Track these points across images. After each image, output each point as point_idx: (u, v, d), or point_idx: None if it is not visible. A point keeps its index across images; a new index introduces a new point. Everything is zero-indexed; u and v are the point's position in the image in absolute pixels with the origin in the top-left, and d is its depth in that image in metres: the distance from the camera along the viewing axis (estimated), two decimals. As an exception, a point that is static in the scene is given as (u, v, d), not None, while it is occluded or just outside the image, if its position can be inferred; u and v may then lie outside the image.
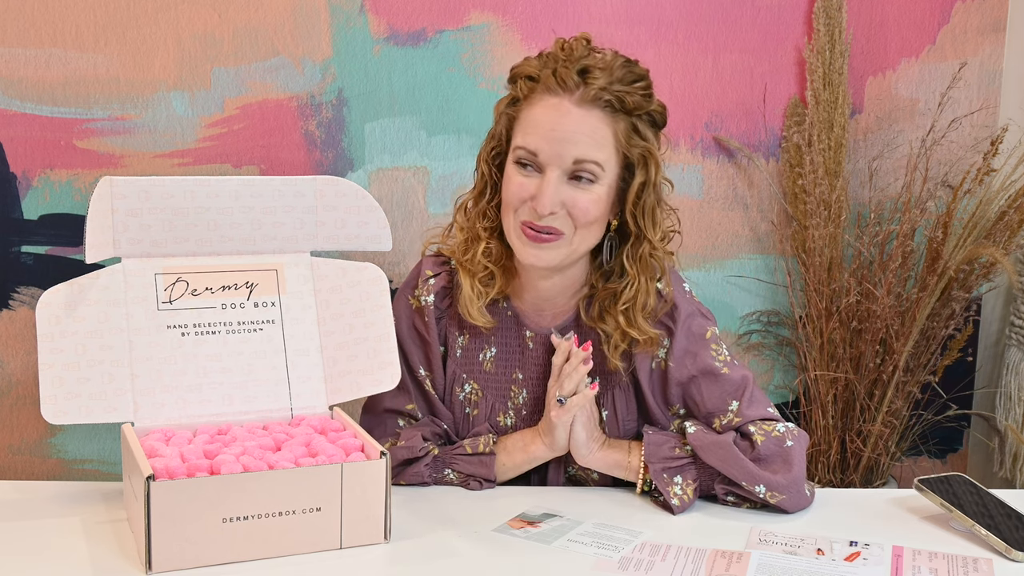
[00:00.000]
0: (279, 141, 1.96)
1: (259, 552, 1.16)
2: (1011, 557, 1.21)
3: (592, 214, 1.34)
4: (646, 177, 1.36)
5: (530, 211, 1.34)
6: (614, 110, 1.33)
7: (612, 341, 1.40)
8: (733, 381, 1.40)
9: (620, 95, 1.32)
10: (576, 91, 1.32)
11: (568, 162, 1.32)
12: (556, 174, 1.32)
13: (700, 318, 1.44)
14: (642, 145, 1.35)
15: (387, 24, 1.96)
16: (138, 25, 1.89)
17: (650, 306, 1.40)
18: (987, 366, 2.29)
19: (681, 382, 1.42)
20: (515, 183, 1.35)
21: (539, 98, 1.34)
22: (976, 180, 2.07)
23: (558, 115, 1.32)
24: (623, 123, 1.34)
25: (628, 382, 1.44)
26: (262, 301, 1.38)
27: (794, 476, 1.32)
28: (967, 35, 2.13)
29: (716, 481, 1.35)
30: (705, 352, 1.42)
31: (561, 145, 1.31)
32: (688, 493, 1.34)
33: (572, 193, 1.33)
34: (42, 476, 1.99)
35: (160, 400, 1.30)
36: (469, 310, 1.41)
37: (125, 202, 1.32)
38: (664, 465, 1.35)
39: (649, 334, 1.39)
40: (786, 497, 1.32)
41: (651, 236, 1.38)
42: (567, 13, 2.01)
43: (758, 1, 2.08)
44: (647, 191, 1.36)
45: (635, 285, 1.38)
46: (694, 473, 1.36)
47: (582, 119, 1.32)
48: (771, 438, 1.35)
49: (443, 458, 1.42)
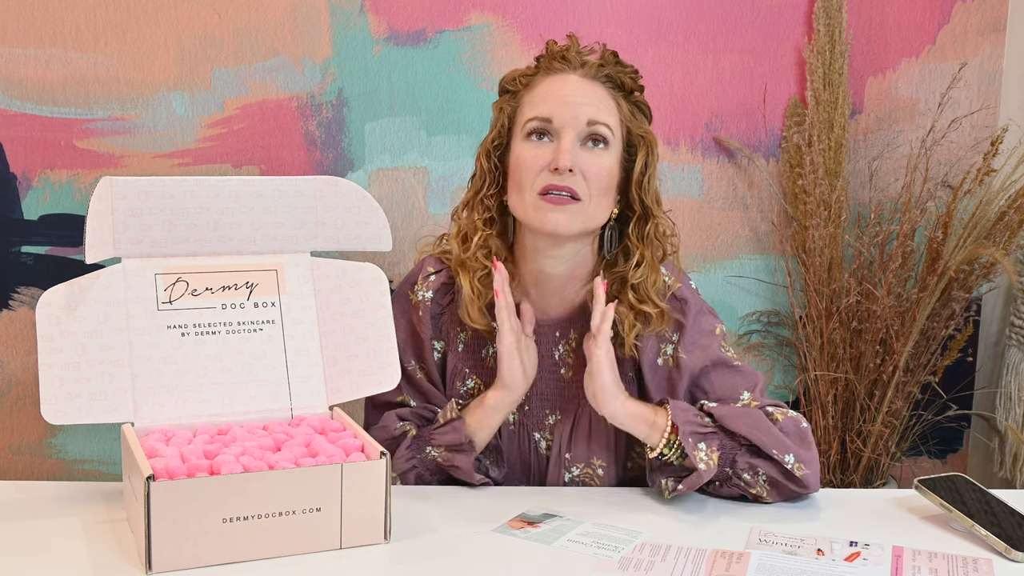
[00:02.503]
0: (279, 141, 1.96)
1: (259, 552, 1.16)
2: (1011, 557, 1.21)
3: (605, 179, 1.36)
4: (648, 158, 1.40)
5: (548, 175, 1.34)
6: (615, 87, 1.39)
7: (627, 323, 1.40)
8: (745, 374, 1.42)
9: (618, 74, 1.39)
10: (579, 68, 1.38)
11: (583, 123, 1.35)
12: (571, 135, 1.34)
13: (708, 316, 1.46)
14: (643, 128, 1.40)
15: (387, 24, 1.96)
16: (138, 25, 1.89)
17: (659, 284, 1.41)
18: (987, 366, 2.29)
19: (693, 372, 1.42)
20: (529, 155, 1.36)
21: (542, 78, 1.40)
22: (976, 180, 2.07)
23: (566, 84, 1.37)
24: (624, 102, 1.39)
25: (633, 376, 1.45)
26: (262, 301, 1.38)
27: (813, 454, 1.36)
28: (967, 35, 2.13)
29: (739, 453, 1.35)
30: (715, 345, 1.43)
31: (575, 107, 1.35)
32: (713, 460, 1.33)
33: (586, 156, 1.35)
34: (42, 476, 1.99)
35: (160, 400, 1.30)
36: (469, 311, 1.42)
37: (125, 202, 1.32)
38: (692, 429, 1.35)
39: (661, 307, 1.40)
40: (810, 472, 1.34)
41: (656, 212, 1.40)
42: (567, 13, 2.01)
43: (758, 1, 2.08)
44: (651, 170, 1.40)
45: (643, 262, 1.40)
46: (718, 442, 1.35)
47: (589, 88, 1.37)
48: (789, 417, 1.38)
49: (422, 436, 1.42)
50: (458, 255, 1.43)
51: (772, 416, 1.37)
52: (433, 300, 1.47)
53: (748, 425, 1.35)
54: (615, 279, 1.42)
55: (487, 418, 1.41)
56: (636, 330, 1.41)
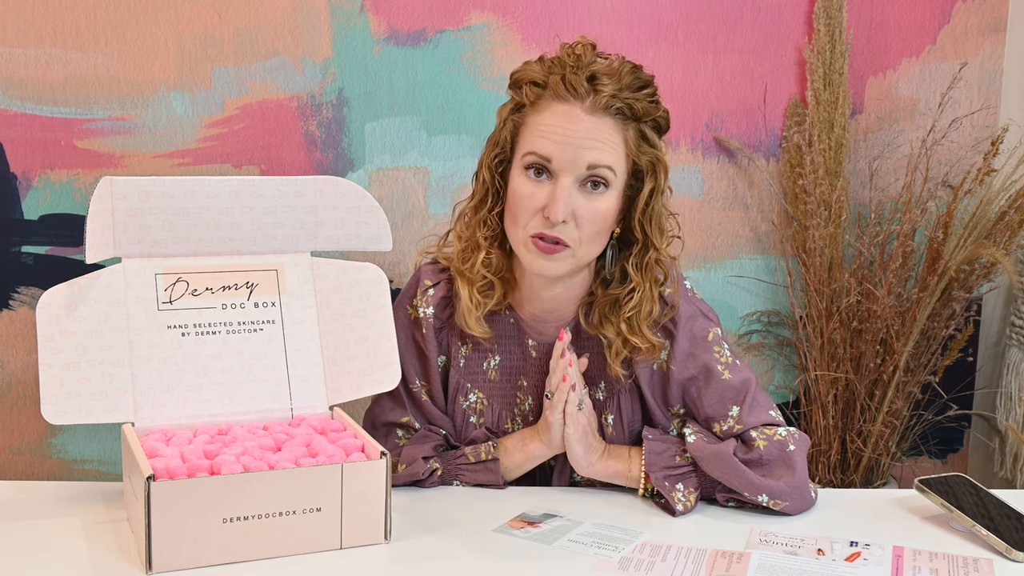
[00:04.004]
0: (279, 141, 1.96)
1: (259, 552, 1.16)
2: (1011, 557, 1.21)
3: (599, 224, 1.32)
4: (655, 184, 1.35)
5: (541, 221, 1.31)
6: (624, 117, 1.32)
7: (614, 348, 1.39)
8: (734, 386, 1.39)
9: (630, 102, 1.31)
10: (587, 98, 1.30)
11: (582, 168, 1.30)
12: (569, 180, 1.30)
13: (702, 319, 1.43)
14: (651, 152, 1.34)
15: (387, 24, 1.96)
16: (138, 25, 1.89)
17: (655, 313, 1.38)
18: (987, 366, 2.29)
19: (682, 383, 1.41)
20: (526, 193, 1.32)
21: (547, 104, 1.32)
22: (976, 180, 2.07)
23: (569, 121, 1.30)
24: (632, 130, 1.33)
25: (632, 385, 1.44)
26: (262, 301, 1.38)
27: (797, 481, 1.32)
28: (967, 35, 2.13)
29: (717, 489, 1.35)
30: (707, 355, 1.41)
31: (575, 151, 1.30)
32: (691, 500, 1.34)
33: (582, 201, 1.31)
34: (42, 476, 1.99)
35: (160, 400, 1.30)
36: (467, 320, 1.40)
37: (125, 202, 1.32)
38: (666, 473, 1.35)
39: (652, 342, 1.38)
40: (789, 503, 1.32)
41: (658, 243, 1.37)
42: (567, 13, 2.01)
43: (758, 1, 2.08)
44: (655, 198, 1.36)
45: (640, 292, 1.37)
46: (695, 481, 1.36)
47: (594, 125, 1.30)
48: (773, 442, 1.35)
49: (448, 470, 1.42)
50: (458, 265, 1.41)
51: (753, 443, 1.35)
52: (435, 315, 1.44)
53: (719, 469, 1.34)
54: (608, 300, 1.39)
55: (526, 464, 1.43)
56: (622, 356, 1.39)
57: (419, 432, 1.45)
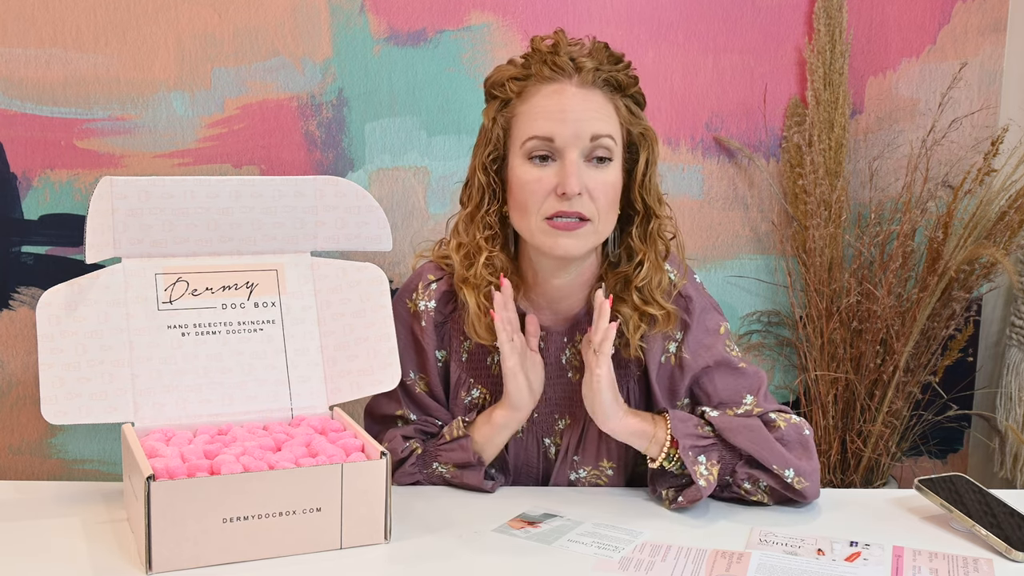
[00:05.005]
0: (279, 141, 1.96)
1: (259, 552, 1.16)
2: (1011, 557, 1.21)
3: (611, 195, 1.33)
4: (649, 155, 1.37)
5: (555, 202, 1.31)
6: (612, 88, 1.34)
7: (631, 324, 1.38)
8: (749, 375, 1.41)
9: (613, 73, 1.34)
10: (574, 75, 1.32)
11: (586, 140, 1.30)
12: (575, 154, 1.30)
13: (714, 313, 1.44)
14: (641, 124, 1.37)
15: (387, 24, 1.96)
16: (138, 25, 1.89)
17: (664, 284, 1.39)
18: (987, 366, 2.29)
19: (695, 373, 1.41)
20: (532, 178, 1.32)
21: (536, 89, 1.33)
22: (976, 180, 2.07)
23: (564, 98, 1.31)
24: (620, 101, 1.35)
25: (640, 377, 1.44)
26: (262, 301, 1.38)
27: (814, 464, 1.35)
28: (967, 35, 2.13)
29: (739, 464, 1.35)
30: (720, 345, 1.42)
31: (576, 124, 1.30)
32: (713, 474, 1.33)
33: (592, 174, 1.32)
34: (42, 476, 1.99)
35: (160, 400, 1.30)
36: (476, 329, 1.38)
37: (125, 202, 1.32)
38: (692, 443, 1.33)
39: (667, 308, 1.38)
40: (809, 484, 1.33)
41: (658, 211, 1.38)
42: (567, 13, 2.01)
43: (758, 1, 2.08)
44: (651, 169, 1.37)
45: (648, 262, 1.37)
46: (718, 455, 1.35)
47: (587, 98, 1.32)
48: (791, 424, 1.36)
49: (428, 452, 1.42)
50: (461, 272, 1.39)
51: (774, 424, 1.36)
52: (436, 309, 1.44)
53: (749, 439, 1.33)
54: (619, 279, 1.39)
55: (495, 436, 1.40)
56: (641, 331, 1.39)
57: (414, 422, 1.46)
